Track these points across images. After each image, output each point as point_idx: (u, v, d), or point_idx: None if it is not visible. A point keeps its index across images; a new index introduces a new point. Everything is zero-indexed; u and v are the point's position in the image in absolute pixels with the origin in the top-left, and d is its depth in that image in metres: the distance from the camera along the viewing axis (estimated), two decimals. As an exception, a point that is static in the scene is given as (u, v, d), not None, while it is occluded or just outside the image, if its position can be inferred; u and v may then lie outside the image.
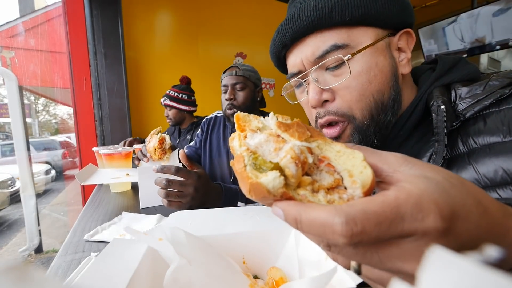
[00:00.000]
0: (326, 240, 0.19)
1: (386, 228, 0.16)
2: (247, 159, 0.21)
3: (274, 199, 0.19)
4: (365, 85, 0.44)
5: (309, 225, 0.18)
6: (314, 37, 0.45)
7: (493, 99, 0.39)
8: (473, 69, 0.46)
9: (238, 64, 1.20)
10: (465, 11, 2.41)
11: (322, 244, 0.20)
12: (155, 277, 0.36)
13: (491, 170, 0.37)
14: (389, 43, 0.46)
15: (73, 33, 1.88)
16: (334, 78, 0.45)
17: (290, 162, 0.19)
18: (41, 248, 2.42)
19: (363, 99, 0.44)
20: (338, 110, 0.46)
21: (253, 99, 1.20)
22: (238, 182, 0.21)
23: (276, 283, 0.41)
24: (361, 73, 0.43)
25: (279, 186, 0.19)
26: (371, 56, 0.44)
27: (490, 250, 0.13)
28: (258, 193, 0.19)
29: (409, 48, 0.47)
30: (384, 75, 0.44)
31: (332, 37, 0.44)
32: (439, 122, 0.41)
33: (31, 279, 0.11)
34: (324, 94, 0.46)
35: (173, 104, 1.77)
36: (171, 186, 0.73)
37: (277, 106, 1.99)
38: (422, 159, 0.43)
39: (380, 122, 0.45)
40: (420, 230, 0.16)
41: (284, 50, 0.50)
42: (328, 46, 0.44)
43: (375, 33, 0.44)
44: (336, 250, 0.20)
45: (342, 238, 0.16)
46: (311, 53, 0.45)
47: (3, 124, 4.12)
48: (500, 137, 0.37)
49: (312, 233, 0.18)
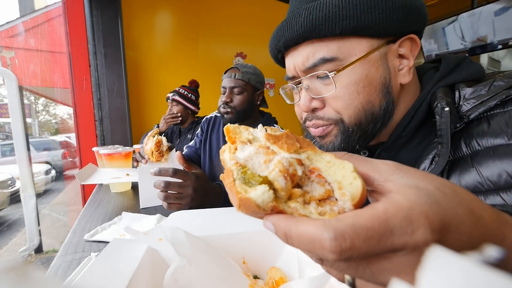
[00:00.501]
0: (316, 255, 0.19)
1: (376, 243, 0.16)
2: (236, 174, 0.20)
3: (265, 213, 0.19)
4: (353, 95, 0.43)
5: (298, 240, 0.18)
6: (306, 46, 0.45)
7: (498, 100, 0.38)
8: (477, 68, 0.45)
9: (240, 66, 1.17)
10: (465, 11, 2.41)
11: (314, 258, 0.20)
12: (155, 277, 0.36)
13: (494, 174, 0.36)
14: (385, 52, 0.43)
15: (73, 33, 1.88)
16: (324, 88, 0.45)
17: (279, 175, 0.19)
18: (41, 248, 2.41)
19: (351, 108, 0.44)
20: (325, 116, 0.46)
21: (251, 104, 1.18)
22: (228, 196, 0.21)
23: (276, 283, 0.41)
24: (349, 84, 0.43)
25: (268, 200, 0.19)
26: (361, 68, 0.42)
27: (490, 250, 0.13)
28: (248, 208, 0.19)
29: (413, 55, 0.45)
30: (374, 87, 0.43)
31: (322, 49, 0.43)
32: (442, 124, 0.40)
33: (31, 279, 0.11)
34: (314, 102, 0.47)
35: (181, 100, 1.82)
36: (170, 188, 0.73)
37: (277, 106, 1.99)
38: (424, 161, 0.42)
39: (367, 131, 0.45)
40: (410, 244, 0.16)
41: (279, 54, 0.51)
42: (316, 60, 0.44)
43: (369, 43, 0.42)
44: (328, 264, 0.20)
45: (331, 254, 0.16)
46: (301, 62, 0.46)
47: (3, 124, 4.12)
48: (504, 139, 0.36)
49: (302, 248, 0.18)
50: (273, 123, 1.25)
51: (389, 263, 0.17)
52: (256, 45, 2.87)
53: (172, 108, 1.84)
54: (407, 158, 0.48)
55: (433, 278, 0.12)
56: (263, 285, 0.41)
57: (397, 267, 0.17)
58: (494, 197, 0.35)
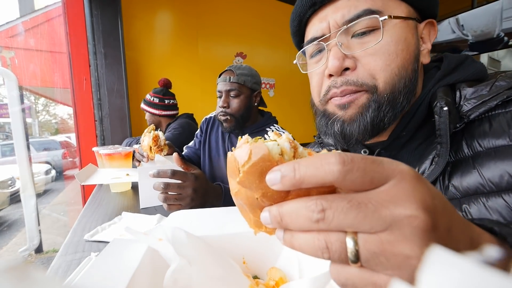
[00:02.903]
0: (323, 174, 0.19)
1: (371, 162, 0.19)
2: (250, 140, 0.23)
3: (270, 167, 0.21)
4: (392, 56, 0.41)
5: (306, 166, 0.19)
6: (347, 0, 0.43)
7: (500, 100, 0.37)
8: (479, 68, 0.44)
9: (234, 67, 1.16)
10: (465, 11, 2.41)
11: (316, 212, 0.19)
12: (155, 277, 0.36)
13: (496, 175, 0.35)
14: (416, 26, 0.44)
15: (73, 33, 1.88)
16: (360, 45, 0.42)
17: (286, 141, 0.23)
18: (41, 248, 2.41)
19: (388, 70, 0.41)
20: (359, 80, 0.42)
21: (248, 106, 1.17)
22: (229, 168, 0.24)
23: (276, 283, 0.41)
24: (389, 43, 0.41)
25: (277, 151, 0.22)
26: (402, 29, 0.42)
27: (490, 250, 0.13)
28: (258, 152, 0.21)
29: (430, 40, 0.46)
30: (410, 53, 0.42)
31: (366, 2, 0.42)
32: (441, 124, 0.39)
33: (31, 279, 0.11)
34: (347, 61, 0.43)
35: (145, 108, 1.81)
36: (170, 189, 0.73)
37: (277, 106, 1.99)
38: (425, 162, 0.42)
39: (397, 103, 0.43)
40: (397, 171, 0.19)
41: (311, 10, 0.46)
42: (361, 10, 0.41)
43: (407, 10, 0.43)
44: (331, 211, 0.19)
45: (337, 165, 0.18)
46: (341, 16, 0.43)
47: (3, 124, 4.12)
48: (506, 140, 0.36)
49: (309, 172, 0.19)
50: (274, 122, 1.25)
51: (385, 193, 0.19)
52: (256, 45, 2.87)
53: (146, 117, 1.83)
54: (407, 158, 0.48)
55: (434, 278, 0.12)
56: (263, 285, 0.41)
57: (393, 195, 0.18)
58: (496, 198, 0.35)
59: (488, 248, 0.14)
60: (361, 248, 0.19)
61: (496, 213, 0.35)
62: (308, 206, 0.20)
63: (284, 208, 0.21)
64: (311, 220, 0.19)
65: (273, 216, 0.21)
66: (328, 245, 0.20)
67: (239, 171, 0.22)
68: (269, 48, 2.95)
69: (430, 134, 0.45)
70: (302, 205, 0.20)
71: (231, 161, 0.23)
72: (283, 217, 0.21)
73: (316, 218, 0.19)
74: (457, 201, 0.38)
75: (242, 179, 0.22)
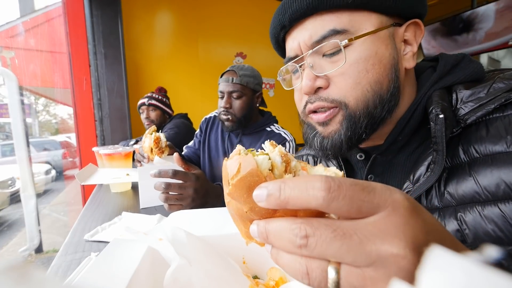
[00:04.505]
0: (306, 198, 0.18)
1: (360, 190, 0.18)
2: (242, 151, 0.23)
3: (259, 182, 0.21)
4: (361, 73, 0.41)
5: (292, 188, 0.19)
6: (313, 20, 0.42)
7: (497, 104, 0.36)
8: (477, 68, 0.43)
9: (236, 68, 1.15)
10: (465, 11, 2.41)
11: (299, 237, 0.19)
12: (155, 277, 0.36)
13: (492, 183, 0.34)
14: (393, 33, 0.43)
15: (73, 33, 1.88)
16: (330, 65, 0.43)
17: (277, 154, 0.23)
18: (41, 248, 2.41)
19: (358, 88, 0.41)
20: (329, 97, 0.43)
21: (251, 107, 1.17)
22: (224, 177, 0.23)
23: (276, 283, 0.41)
24: (358, 61, 0.41)
25: (267, 166, 0.21)
26: (371, 44, 0.41)
27: (490, 250, 0.13)
28: (246, 166, 0.21)
29: (416, 41, 0.44)
30: (383, 66, 0.42)
31: (332, 21, 0.41)
32: (437, 131, 0.38)
33: (31, 279, 0.11)
34: (318, 81, 0.43)
35: (159, 104, 1.80)
36: (171, 190, 0.73)
37: (277, 106, 1.99)
38: (420, 168, 0.40)
39: (375, 116, 0.43)
40: (389, 201, 0.18)
41: (282, 32, 0.48)
42: (326, 31, 0.41)
43: (379, 20, 0.41)
44: (314, 238, 0.18)
45: (321, 191, 0.17)
46: (308, 36, 0.43)
47: (3, 124, 4.12)
48: (503, 146, 0.34)
49: (294, 195, 0.18)
50: (274, 122, 1.25)
51: (374, 226, 0.18)
52: (256, 45, 2.87)
53: (149, 113, 1.80)
54: (403, 162, 0.47)
55: (434, 278, 0.12)
56: (263, 285, 0.41)
57: (382, 229, 0.17)
58: (492, 208, 0.34)
59: (488, 248, 0.14)
60: (342, 280, 0.18)
61: (491, 223, 0.34)
62: (292, 229, 0.19)
63: (270, 225, 0.21)
64: (294, 245, 0.19)
65: (260, 231, 0.21)
66: (309, 271, 0.19)
67: (229, 183, 0.22)
68: (269, 48, 2.93)
69: (426, 138, 0.44)
70: (286, 227, 0.19)
71: (224, 170, 0.23)
72: (269, 235, 0.21)
73: (299, 244, 0.19)
74: (452, 209, 0.37)
75: (231, 191, 0.22)
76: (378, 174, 0.50)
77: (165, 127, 1.79)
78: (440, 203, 0.39)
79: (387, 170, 0.49)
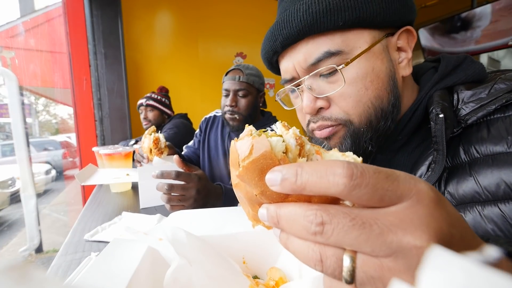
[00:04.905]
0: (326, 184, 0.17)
1: (384, 178, 0.17)
2: (254, 131, 0.22)
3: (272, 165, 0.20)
4: (361, 91, 0.42)
5: (309, 173, 0.18)
6: (306, 43, 0.43)
7: (498, 104, 0.36)
8: (478, 69, 0.43)
9: (242, 67, 1.15)
10: (465, 11, 2.41)
11: (314, 224, 0.18)
12: (155, 277, 0.36)
13: (493, 183, 0.34)
14: (386, 44, 0.43)
15: (73, 33, 1.88)
16: (329, 86, 0.43)
17: (292, 137, 0.21)
18: (41, 248, 2.41)
19: (360, 105, 0.42)
20: (332, 116, 0.44)
21: (255, 106, 1.17)
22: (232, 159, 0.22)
23: (276, 283, 0.41)
24: (356, 80, 0.41)
25: (281, 148, 0.20)
26: (366, 61, 0.41)
27: (490, 250, 0.13)
28: (260, 148, 0.20)
29: (410, 47, 0.45)
30: (381, 81, 0.42)
31: (325, 43, 0.41)
32: (437, 131, 0.38)
33: (31, 279, 0.11)
34: (319, 102, 0.44)
35: (157, 105, 1.80)
36: (173, 191, 0.73)
37: (277, 106, 2.00)
38: (421, 167, 0.40)
39: (379, 129, 0.43)
40: (414, 191, 0.17)
41: (275, 56, 0.48)
42: (321, 54, 0.41)
43: (371, 35, 0.42)
44: (331, 226, 0.17)
45: (343, 177, 0.17)
46: (303, 59, 0.43)
47: (3, 124, 4.12)
48: (504, 147, 0.34)
49: (311, 181, 0.18)
50: (274, 122, 1.25)
51: (396, 216, 0.17)
52: (256, 45, 2.87)
53: (147, 114, 1.80)
54: (403, 162, 0.47)
55: (434, 278, 0.12)
56: (263, 285, 0.41)
57: (405, 220, 0.17)
58: (492, 208, 0.34)
59: (488, 248, 0.14)
60: (358, 269, 0.17)
61: (491, 223, 0.34)
62: (307, 215, 0.18)
63: (282, 210, 0.20)
64: (308, 231, 0.18)
65: (270, 216, 0.21)
66: (323, 258, 0.19)
67: (239, 165, 0.21)
68: (269, 48, 2.95)
69: (427, 137, 0.44)
70: (300, 213, 0.19)
71: (233, 151, 0.22)
72: (280, 220, 0.20)
73: (314, 231, 0.18)
74: None
75: (241, 173, 0.21)
76: None
77: (164, 127, 1.79)
78: None
79: None
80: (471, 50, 2.42)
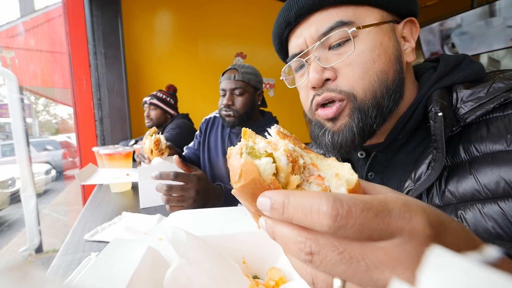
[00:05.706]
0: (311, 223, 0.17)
1: (373, 217, 0.16)
2: (244, 149, 0.21)
3: (262, 189, 0.20)
4: (368, 63, 0.42)
5: (295, 208, 0.17)
6: (319, 15, 0.44)
7: (497, 103, 0.36)
8: (477, 68, 0.43)
9: (238, 66, 1.15)
10: (465, 11, 2.41)
11: (303, 253, 0.18)
12: (155, 277, 0.36)
13: (492, 181, 0.34)
14: (393, 28, 0.45)
15: (73, 33, 1.88)
16: (337, 57, 0.44)
17: (283, 154, 0.20)
18: (41, 248, 2.41)
19: (366, 78, 0.42)
20: (338, 87, 0.44)
21: (252, 104, 1.17)
22: (230, 173, 0.22)
23: (276, 283, 0.41)
24: (365, 51, 0.42)
25: (270, 172, 0.19)
26: (376, 35, 0.43)
27: (490, 250, 0.13)
28: (248, 174, 0.19)
29: (413, 38, 0.47)
30: (388, 57, 0.43)
31: (337, 14, 0.43)
32: (436, 129, 0.38)
33: (31, 279, 0.11)
34: (326, 73, 0.44)
35: (160, 104, 1.79)
36: (173, 191, 0.73)
37: (277, 106, 2.00)
38: (421, 166, 0.41)
39: (383, 106, 0.43)
40: (407, 229, 0.16)
41: (287, 29, 0.49)
42: (333, 22, 0.43)
43: (380, 15, 0.44)
44: (319, 257, 0.17)
45: (327, 219, 0.16)
46: (315, 30, 0.44)
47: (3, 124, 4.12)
48: (503, 145, 0.35)
49: (297, 217, 0.17)
50: (274, 122, 1.25)
51: (385, 253, 0.16)
52: (256, 45, 2.88)
53: (150, 112, 1.80)
54: (404, 161, 0.47)
55: (434, 278, 0.12)
56: (263, 285, 0.41)
57: (394, 258, 0.16)
58: (492, 205, 0.34)
59: (488, 248, 0.14)
60: None
61: (491, 220, 0.34)
62: (297, 241, 0.18)
63: (277, 228, 0.20)
64: (299, 256, 0.18)
65: (268, 231, 0.21)
66: (314, 281, 0.19)
67: (234, 183, 0.21)
68: (269, 48, 2.95)
69: (426, 136, 0.45)
70: (292, 238, 0.18)
71: (229, 166, 0.22)
72: (275, 237, 0.20)
73: (304, 259, 0.18)
74: (453, 207, 0.38)
75: (235, 193, 0.21)
76: (378, 172, 0.50)
77: (167, 127, 1.79)
78: (441, 201, 0.39)
79: (387, 168, 0.50)
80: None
